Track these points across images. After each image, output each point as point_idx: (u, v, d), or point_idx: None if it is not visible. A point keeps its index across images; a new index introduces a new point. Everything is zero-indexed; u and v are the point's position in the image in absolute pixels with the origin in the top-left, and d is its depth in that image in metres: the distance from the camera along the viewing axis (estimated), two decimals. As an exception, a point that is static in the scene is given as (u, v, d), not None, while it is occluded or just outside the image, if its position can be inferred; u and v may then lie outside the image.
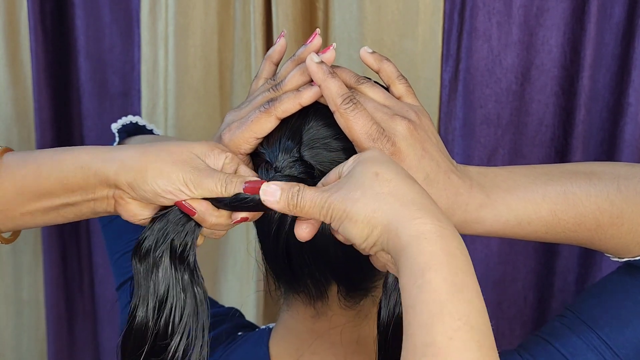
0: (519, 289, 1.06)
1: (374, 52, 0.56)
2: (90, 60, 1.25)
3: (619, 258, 0.56)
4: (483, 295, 0.42)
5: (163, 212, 0.52)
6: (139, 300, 0.52)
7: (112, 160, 0.51)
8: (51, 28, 1.24)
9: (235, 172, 0.52)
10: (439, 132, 1.05)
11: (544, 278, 1.05)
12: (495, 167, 0.55)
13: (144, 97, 1.19)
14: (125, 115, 1.22)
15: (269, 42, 1.11)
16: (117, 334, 1.32)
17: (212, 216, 0.51)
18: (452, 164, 0.53)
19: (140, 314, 0.52)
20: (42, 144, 1.25)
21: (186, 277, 0.53)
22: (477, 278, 0.49)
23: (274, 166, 0.53)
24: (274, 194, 0.47)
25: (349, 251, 0.53)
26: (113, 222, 0.80)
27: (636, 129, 0.94)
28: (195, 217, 0.51)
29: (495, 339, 1.21)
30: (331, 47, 0.53)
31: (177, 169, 0.50)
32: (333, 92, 0.50)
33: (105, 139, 1.28)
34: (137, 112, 1.24)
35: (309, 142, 0.52)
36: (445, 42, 1.02)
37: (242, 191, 0.49)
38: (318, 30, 0.56)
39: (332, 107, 0.50)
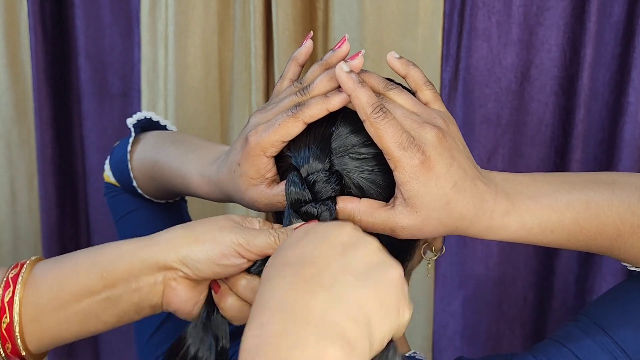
0: (519, 289, 1.06)
1: (401, 57, 0.57)
2: (90, 60, 1.25)
3: (636, 268, 0.56)
4: (483, 295, 0.41)
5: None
6: None
7: (157, 243, 0.52)
8: (51, 28, 1.24)
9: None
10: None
11: (544, 278, 1.05)
12: (518, 173, 0.55)
13: (144, 97, 1.19)
14: (125, 116, 1.22)
15: (268, 42, 1.11)
16: (117, 334, 1.32)
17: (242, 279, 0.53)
18: (478, 170, 0.53)
19: None
20: (42, 144, 1.25)
21: None
22: (477, 278, 0.49)
23: (304, 177, 0.53)
24: None
25: None
26: (127, 216, 0.80)
27: (636, 128, 0.94)
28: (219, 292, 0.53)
29: (495, 338, 1.20)
30: (360, 54, 0.53)
31: (227, 232, 0.51)
32: (363, 102, 0.50)
33: (105, 139, 1.28)
34: (137, 112, 1.24)
35: (337, 150, 0.53)
36: (445, 42, 1.02)
37: None
38: (347, 36, 0.57)
39: (362, 117, 0.50)
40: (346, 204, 0.52)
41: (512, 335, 1.08)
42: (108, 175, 0.81)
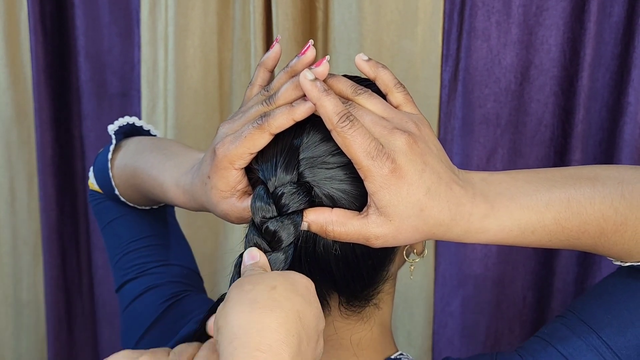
0: (518, 289, 1.06)
1: (369, 59, 0.54)
2: (90, 60, 1.25)
3: (621, 262, 0.55)
4: (483, 295, 0.41)
5: None
6: None
7: None
8: (51, 28, 1.24)
9: None
10: (439, 132, 1.05)
11: (543, 278, 1.05)
12: (498, 172, 0.54)
13: (143, 97, 1.19)
14: (124, 116, 1.22)
15: (268, 42, 1.11)
16: (117, 336, 1.32)
17: None
18: (454, 173, 0.51)
19: None
20: (42, 144, 1.25)
21: None
22: (477, 278, 0.49)
23: (271, 191, 0.51)
24: (252, 259, 0.51)
25: (350, 263, 0.54)
26: (112, 223, 0.80)
27: (636, 128, 0.94)
28: None
29: (494, 338, 1.20)
30: (324, 60, 0.51)
31: None
32: (329, 111, 0.48)
33: (105, 139, 1.28)
34: (137, 113, 1.24)
35: (306, 161, 0.51)
36: (445, 42, 1.02)
37: None
38: (311, 42, 0.54)
39: (328, 126, 0.49)
40: (318, 216, 0.51)
41: (511, 334, 1.08)
42: (92, 183, 0.79)
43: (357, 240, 0.50)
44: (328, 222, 0.50)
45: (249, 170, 0.53)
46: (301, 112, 0.50)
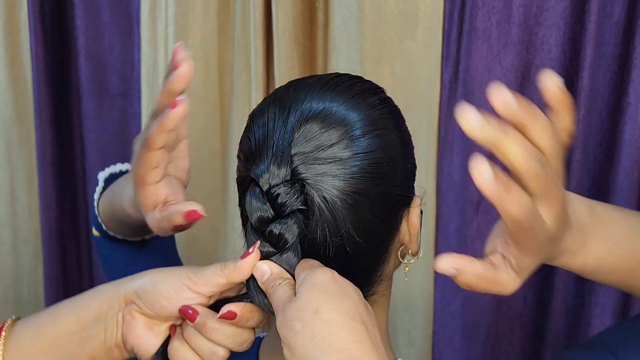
0: (518, 289, 1.06)
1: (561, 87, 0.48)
2: (90, 60, 1.25)
3: None
4: (482, 295, 0.41)
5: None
6: None
7: (123, 281, 0.55)
8: (51, 28, 1.24)
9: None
10: (439, 132, 1.05)
11: (543, 278, 1.05)
12: (612, 207, 0.52)
13: (144, 97, 1.19)
14: (125, 116, 1.21)
15: (268, 42, 1.11)
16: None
17: (213, 320, 0.52)
18: (567, 222, 0.50)
19: None
20: (42, 144, 1.25)
21: None
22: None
23: (264, 190, 0.51)
24: (264, 274, 0.52)
25: (343, 263, 0.53)
26: (107, 261, 0.82)
27: (636, 128, 0.94)
28: (196, 322, 0.52)
29: (494, 338, 1.20)
30: (182, 104, 0.55)
31: (176, 271, 0.54)
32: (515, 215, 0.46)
33: (104, 139, 1.28)
34: (137, 112, 1.24)
35: (298, 159, 0.51)
36: (445, 42, 1.02)
37: (240, 264, 0.52)
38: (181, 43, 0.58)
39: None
40: (466, 267, 0.52)
41: (511, 335, 1.08)
42: (93, 230, 0.82)
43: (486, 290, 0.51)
44: (475, 276, 0.51)
45: (241, 168, 0.54)
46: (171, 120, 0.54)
